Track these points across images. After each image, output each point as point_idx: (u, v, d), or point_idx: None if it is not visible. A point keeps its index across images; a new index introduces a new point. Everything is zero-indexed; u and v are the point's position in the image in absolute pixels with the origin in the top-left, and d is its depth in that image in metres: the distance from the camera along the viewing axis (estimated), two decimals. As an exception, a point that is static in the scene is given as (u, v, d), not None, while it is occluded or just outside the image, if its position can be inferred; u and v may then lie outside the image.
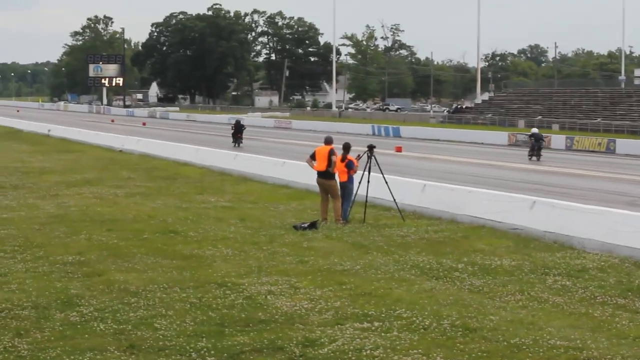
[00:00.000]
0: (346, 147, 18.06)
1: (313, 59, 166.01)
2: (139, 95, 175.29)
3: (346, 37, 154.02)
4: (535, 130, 42.95)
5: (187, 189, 24.16)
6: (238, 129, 47.78)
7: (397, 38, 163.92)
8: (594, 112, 77.54)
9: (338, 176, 17.94)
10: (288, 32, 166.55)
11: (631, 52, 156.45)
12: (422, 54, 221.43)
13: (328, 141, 18.06)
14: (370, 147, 18.16)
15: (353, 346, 9.11)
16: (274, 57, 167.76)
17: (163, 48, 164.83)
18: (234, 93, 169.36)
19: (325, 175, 17.81)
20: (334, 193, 17.83)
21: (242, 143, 47.09)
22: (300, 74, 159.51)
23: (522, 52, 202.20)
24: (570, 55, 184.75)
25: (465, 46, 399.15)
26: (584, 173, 34.41)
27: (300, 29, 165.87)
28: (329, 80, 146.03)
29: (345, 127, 71.33)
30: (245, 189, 24.43)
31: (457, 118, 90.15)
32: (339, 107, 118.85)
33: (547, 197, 19.13)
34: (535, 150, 41.64)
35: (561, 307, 10.94)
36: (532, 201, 17.25)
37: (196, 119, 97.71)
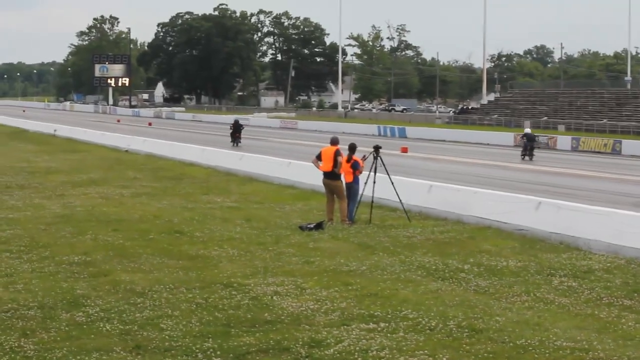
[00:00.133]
0: (352, 148, 18.04)
1: (319, 59, 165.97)
2: (145, 96, 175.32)
3: (352, 37, 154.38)
4: (527, 131, 43.27)
5: (193, 189, 24.17)
6: (236, 129, 47.95)
7: (403, 38, 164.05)
8: (600, 113, 77.43)
9: (344, 177, 17.95)
10: (294, 32, 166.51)
11: (637, 52, 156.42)
12: (428, 55, 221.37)
13: (334, 142, 18.06)
14: (376, 148, 18.17)
15: (359, 347, 9.11)
16: (279, 57, 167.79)
17: (169, 48, 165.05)
18: (239, 93, 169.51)
19: (331, 175, 17.80)
20: (340, 194, 17.83)
21: (241, 142, 47.27)
22: (306, 74, 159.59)
23: (528, 52, 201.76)
24: (576, 56, 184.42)
25: (471, 47, 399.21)
26: (590, 174, 34.34)
27: (306, 29, 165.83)
28: (334, 81, 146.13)
29: (351, 127, 71.29)
30: (251, 189, 24.44)
31: (463, 119, 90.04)
32: (344, 108, 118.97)
33: (552, 198, 19.10)
34: (527, 150, 41.93)
35: (567, 308, 10.93)
36: (538, 202, 17.25)
37: (202, 119, 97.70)
